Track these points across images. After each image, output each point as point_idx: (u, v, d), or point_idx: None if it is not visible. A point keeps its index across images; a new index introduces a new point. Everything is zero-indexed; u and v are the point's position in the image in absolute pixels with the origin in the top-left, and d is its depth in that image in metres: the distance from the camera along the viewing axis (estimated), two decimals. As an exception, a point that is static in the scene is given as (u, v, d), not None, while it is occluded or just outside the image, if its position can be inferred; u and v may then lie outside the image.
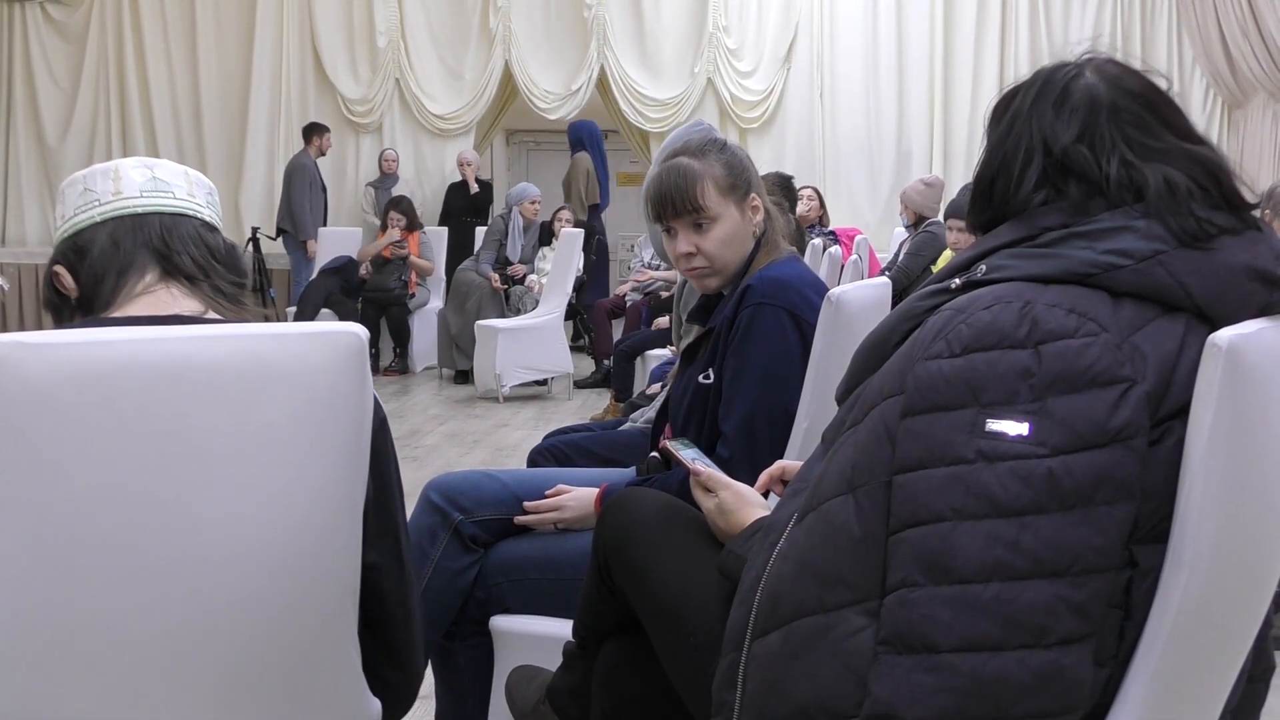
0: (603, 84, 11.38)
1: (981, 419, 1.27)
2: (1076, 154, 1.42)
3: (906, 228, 7.67)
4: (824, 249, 5.58)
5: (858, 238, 6.71)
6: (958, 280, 1.43)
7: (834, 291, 2.22)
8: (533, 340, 8.23)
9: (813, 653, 1.33)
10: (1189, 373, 1.27)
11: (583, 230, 9.15)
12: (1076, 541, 1.23)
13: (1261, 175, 8.72)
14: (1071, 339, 1.28)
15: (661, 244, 2.67)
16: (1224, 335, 1.23)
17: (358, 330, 1.38)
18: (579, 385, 8.85)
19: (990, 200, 1.51)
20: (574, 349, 9.13)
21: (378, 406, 1.51)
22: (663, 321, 7.18)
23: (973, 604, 1.22)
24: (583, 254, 9.06)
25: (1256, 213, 1.44)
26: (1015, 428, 1.25)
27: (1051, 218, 1.41)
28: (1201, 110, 11.02)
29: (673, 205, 2.41)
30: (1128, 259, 1.33)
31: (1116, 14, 11.26)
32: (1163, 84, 1.49)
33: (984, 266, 1.42)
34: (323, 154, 10.50)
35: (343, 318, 9.12)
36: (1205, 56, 10.62)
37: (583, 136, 10.94)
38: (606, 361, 8.56)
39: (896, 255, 7.45)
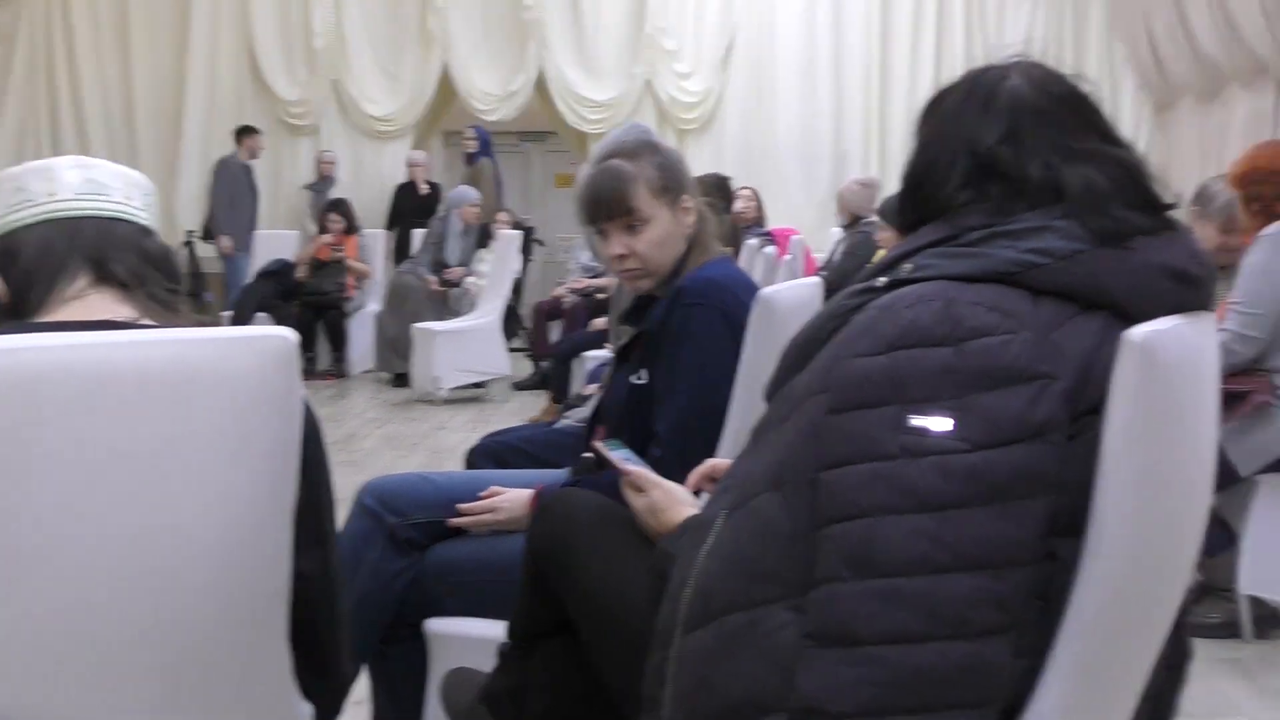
0: (541, 85, 11.37)
1: (905, 415, 1.29)
2: (1000, 155, 1.44)
3: (843, 228, 7.73)
4: (760, 249, 5.61)
5: (794, 238, 6.75)
6: (883, 279, 1.45)
7: (764, 292, 2.24)
8: (470, 342, 8.21)
9: (741, 648, 1.34)
10: (1106, 369, 1.30)
11: (521, 232, 9.14)
12: (997, 535, 1.25)
13: (1188, 175, 8.84)
14: (992, 336, 1.30)
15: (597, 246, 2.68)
16: (1139, 332, 1.26)
17: (286, 334, 1.37)
18: (518, 387, 8.84)
19: (917, 200, 1.54)
20: (514, 351, 9.11)
21: (309, 411, 1.50)
22: (600, 322, 7.19)
23: (896, 597, 1.24)
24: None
25: (1179, 213, 1.47)
26: (938, 424, 1.27)
27: (975, 217, 1.43)
28: (1131, 111, 11.19)
29: (605, 208, 2.43)
30: (1048, 258, 1.36)
31: (1050, 16, 11.41)
32: (1087, 88, 1.53)
33: (909, 265, 1.44)
34: (254, 156, 10.40)
35: (279, 322, 9.06)
36: (1135, 59, 10.77)
37: (484, 141, 10.79)
38: (545, 363, 8.56)
39: (833, 255, 7.51)
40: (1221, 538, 3.59)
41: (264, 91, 11.32)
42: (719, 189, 6.57)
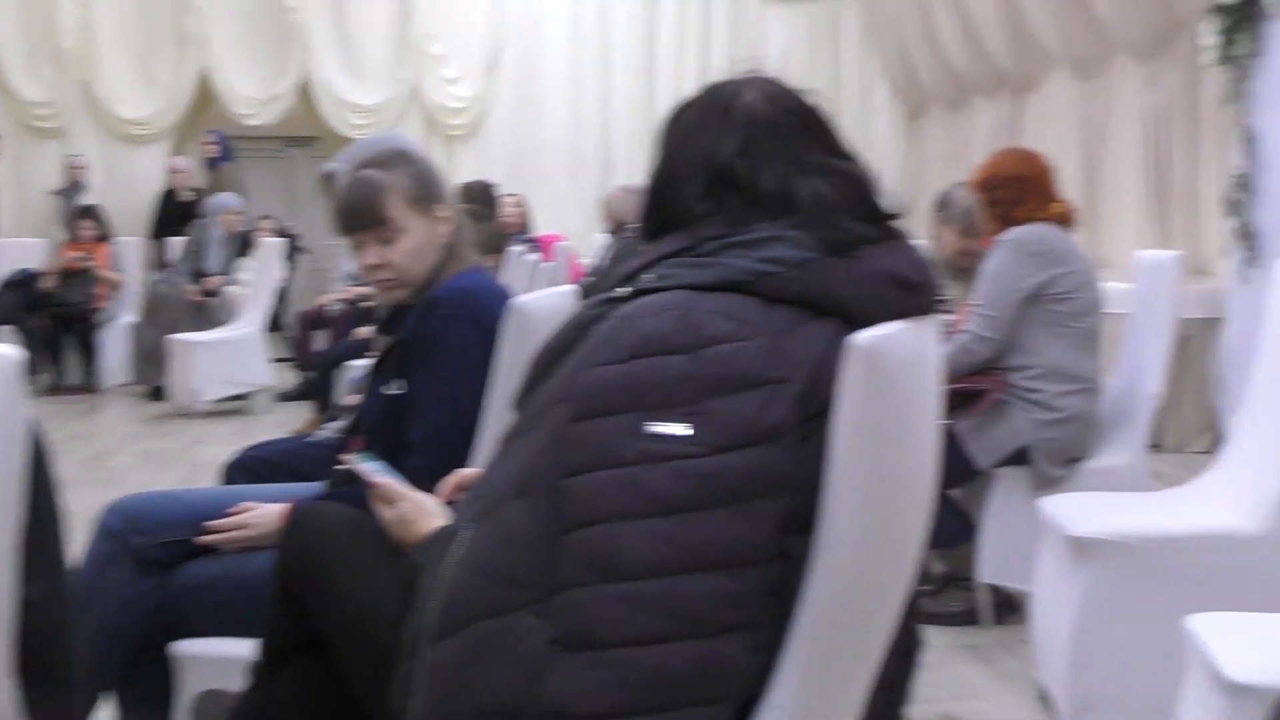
0: (305, 89, 11.14)
1: (643, 422, 1.32)
2: (736, 168, 1.50)
3: (609, 233, 7.82)
4: (524, 256, 5.63)
5: (559, 244, 6.80)
6: (626, 289, 1.49)
7: (517, 300, 2.26)
8: (231, 353, 7.99)
9: (490, 656, 1.36)
10: (835, 373, 1.36)
11: (284, 240, 8.93)
12: (733, 536, 1.30)
13: (939, 179, 9.25)
14: (728, 344, 1.35)
15: None
16: (863, 337, 1.32)
17: (7, 351, 1.32)
18: (282, 398, 8.63)
19: (660, 210, 1.58)
20: (278, 361, 8.89)
21: (37, 432, 1.45)
22: (364, 331, 7.08)
23: (637, 599, 1.28)
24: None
25: (912, 220, 1.55)
26: (675, 429, 1.32)
27: (713, 228, 1.48)
28: (886, 120, 11.64)
29: (359, 218, 2.41)
30: (780, 267, 1.42)
31: (809, 24, 11.77)
32: (817, 103, 1.59)
33: (651, 275, 1.48)
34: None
35: (25, 335, 8.65)
36: (888, 68, 11.21)
37: (224, 146, 10.50)
38: (309, 373, 8.38)
39: (599, 261, 7.58)
40: (962, 529, 3.77)
41: (4, 92, 10.75)
42: (483, 196, 6.55)
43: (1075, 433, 3.67)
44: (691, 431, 1.31)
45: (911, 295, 1.46)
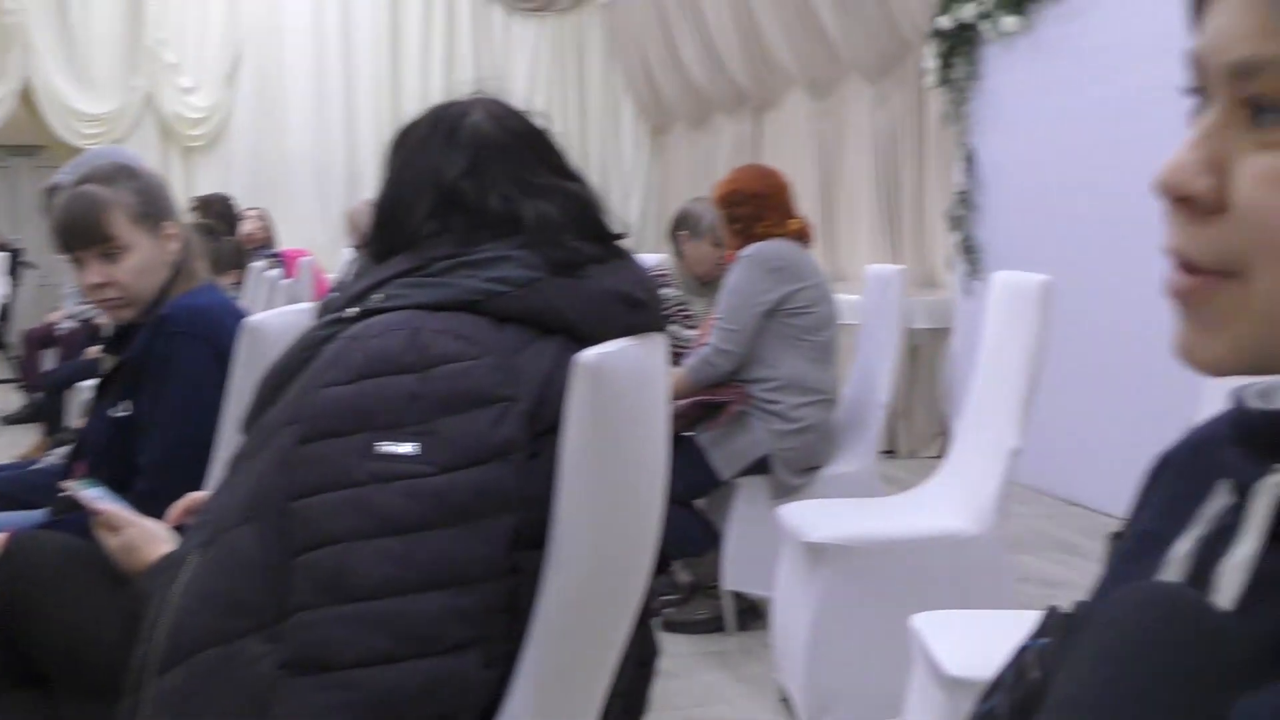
0: (28, 95, 10.59)
1: (373, 442, 1.32)
2: (462, 188, 1.51)
3: (355, 248, 7.69)
4: (266, 272, 5.49)
5: (304, 259, 6.66)
6: (354, 309, 1.48)
7: (251, 319, 2.21)
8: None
9: (216, 685, 1.33)
10: (563, 390, 1.38)
11: (8, 254, 8.49)
12: (464, 553, 1.31)
13: (684, 194, 9.45)
14: (457, 363, 1.36)
15: None
16: (589, 355, 1.35)
17: None
18: (7, 421, 8.19)
19: (387, 231, 1.58)
20: (2, 382, 8.44)
21: None
22: (95, 351, 6.79)
23: (368, 620, 1.27)
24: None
25: (629, 240, 1.59)
26: (405, 449, 1.31)
27: (441, 248, 1.49)
28: (631, 136, 11.83)
29: (80, 236, 2.32)
30: (509, 286, 1.43)
31: (555, 39, 11.86)
32: (543, 124, 1.61)
33: (379, 295, 1.48)
34: None
35: None
36: (632, 86, 11.40)
37: None
38: (36, 395, 7.97)
39: (344, 275, 7.45)
40: (707, 538, 3.87)
41: None
42: (222, 210, 6.37)
43: (812, 442, 3.81)
44: (421, 450, 1.31)
45: (637, 312, 1.50)
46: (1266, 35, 0.60)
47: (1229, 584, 0.61)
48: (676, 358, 4.09)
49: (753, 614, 3.94)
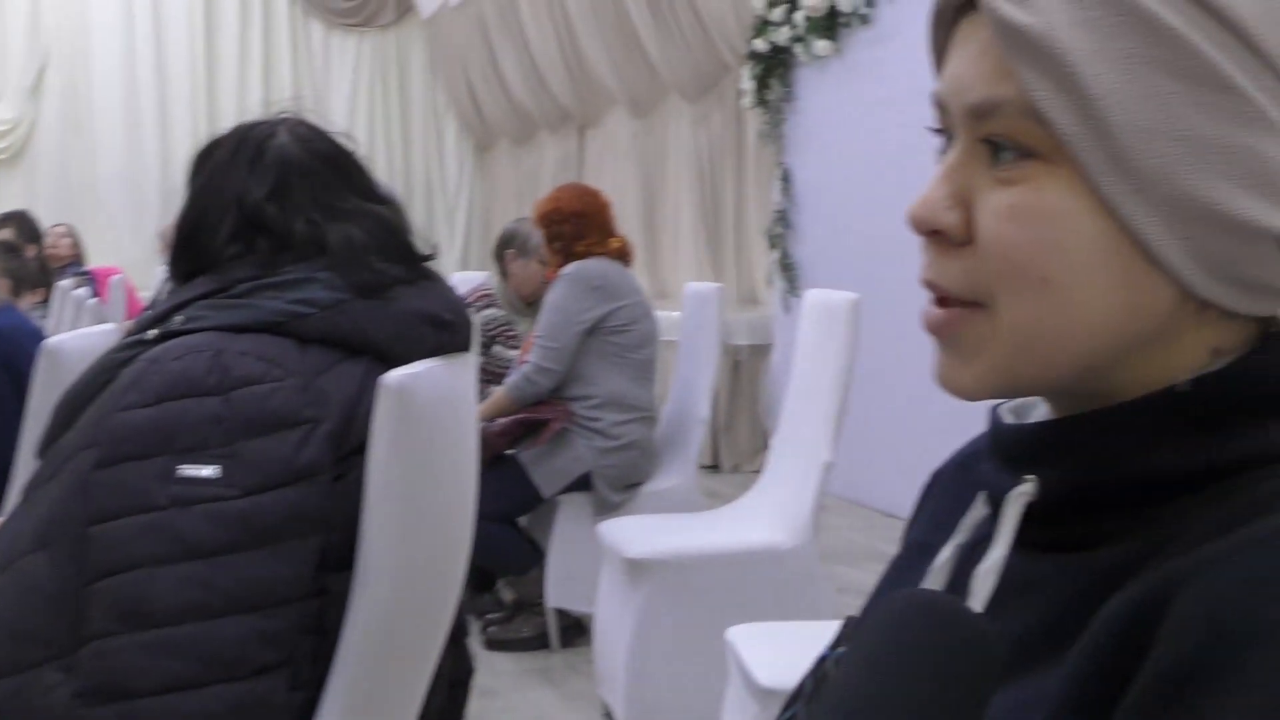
0: None
1: (174, 466, 1.30)
2: (266, 210, 1.49)
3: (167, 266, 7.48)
4: (74, 291, 5.32)
5: (115, 277, 6.46)
6: (154, 331, 1.45)
7: (50, 341, 2.15)
8: None
9: (12, 715, 1.29)
10: (369, 411, 1.38)
11: None
12: (269, 575, 1.29)
13: (509, 212, 9.46)
14: (260, 384, 1.35)
15: None
16: (394, 376, 1.35)
17: None
18: None
19: (189, 252, 1.55)
20: None
21: None
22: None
23: (169, 646, 1.25)
24: None
25: (446, 260, 1.59)
26: (206, 472, 1.30)
27: (245, 270, 1.47)
28: (455, 152, 11.78)
29: None
30: (313, 307, 1.43)
31: (376, 55, 11.74)
32: (350, 147, 1.61)
33: (180, 317, 1.45)
34: None
35: None
36: (456, 103, 11.36)
37: None
38: None
39: (158, 294, 7.26)
40: (531, 556, 3.87)
41: None
42: (24, 227, 6.15)
43: (634, 458, 3.84)
44: (223, 473, 1.30)
45: (445, 333, 1.51)
46: (1000, 79, 0.63)
47: (980, 588, 0.65)
48: (499, 378, 4.10)
49: (577, 630, 3.96)
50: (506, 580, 4.07)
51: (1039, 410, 0.74)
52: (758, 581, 3.03)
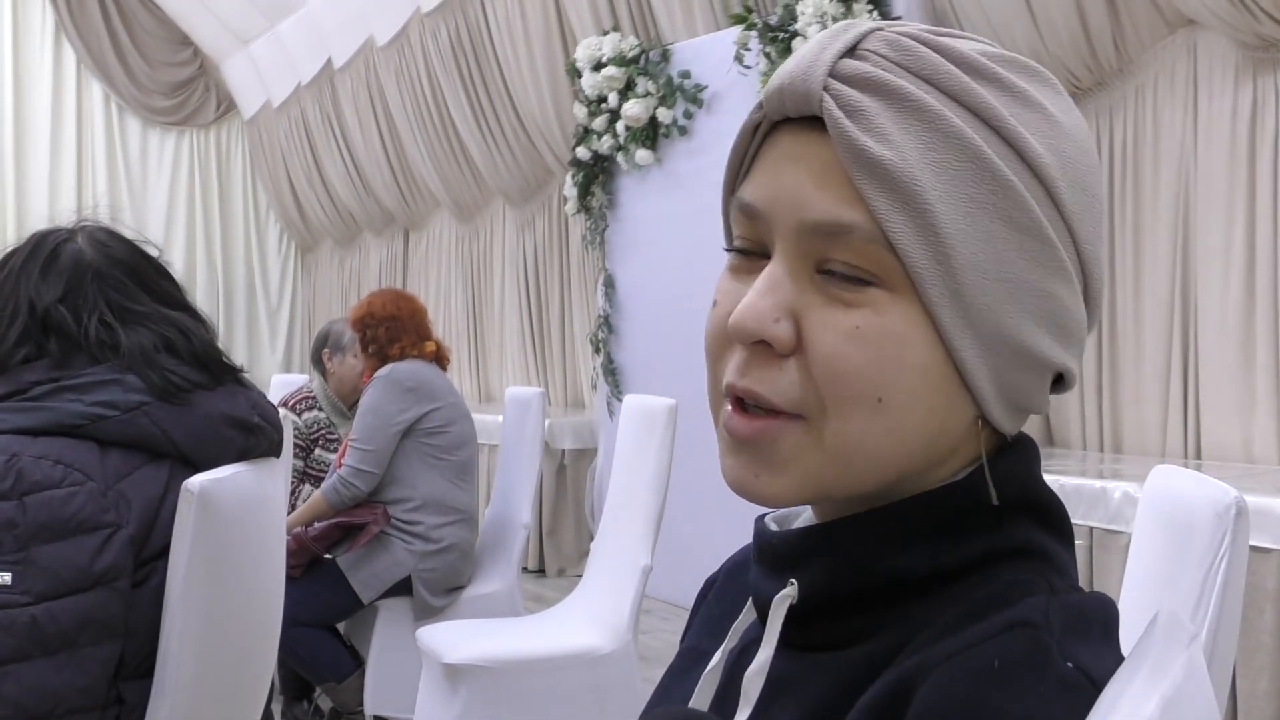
0: None
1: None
2: (58, 313, 1.48)
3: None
4: None
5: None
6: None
7: None
8: None
9: None
10: (172, 515, 1.36)
11: None
12: (61, 684, 1.26)
13: (333, 312, 9.35)
14: (57, 489, 1.32)
15: None
16: (197, 480, 1.34)
17: None
18: None
19: None
20: None
21: None
22: None
23: (-50, 766, 1.20)
24: None
25: (239, 369, 1.58)
26: (-1, 580, 1.26)
27: (38, 372, 1.45)
28: (277, 253, 11.62)
29: None
30: (115, 410, 1.41)
31: (194, 154, 11.53)
32: (152, 252, 1.60)
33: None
34: None
35: None
36: (278, 204, 11.24)
37: None
38: None
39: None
40: (350, 662, 3.79)
41: None
42: None
43: (454, 562, 3.81)
44: (14, 580, 1.26)
45: (252, 436, 1.50)
46: (848, 203, 0.64)
47: (750, 690, 0.67)
48: (321, 481, 4.03)
49: (395, 737, 3.87)
50: (325, 688, 3.97)
51: (804, 515, 0.76)
52: (577, 685, 3.02)
